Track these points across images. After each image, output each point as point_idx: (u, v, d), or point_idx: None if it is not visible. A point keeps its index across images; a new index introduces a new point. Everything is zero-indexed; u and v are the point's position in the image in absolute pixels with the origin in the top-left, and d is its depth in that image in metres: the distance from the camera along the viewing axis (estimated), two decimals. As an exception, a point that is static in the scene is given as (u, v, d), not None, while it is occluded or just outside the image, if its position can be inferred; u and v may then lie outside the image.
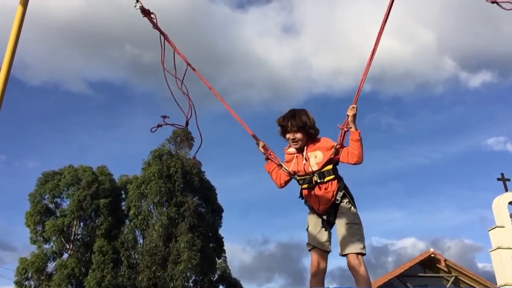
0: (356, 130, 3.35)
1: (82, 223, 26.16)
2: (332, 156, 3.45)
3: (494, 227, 18.24)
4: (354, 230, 3.37)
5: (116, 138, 50.12)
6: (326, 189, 3.44)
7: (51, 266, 24.92)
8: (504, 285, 17.13)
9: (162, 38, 3.79)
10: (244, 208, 54.35)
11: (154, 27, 3.76)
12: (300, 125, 3.48)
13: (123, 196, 27.33)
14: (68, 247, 25.31)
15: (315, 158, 3.49)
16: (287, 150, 3.69)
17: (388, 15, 3.31)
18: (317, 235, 3.49)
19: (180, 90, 3.77)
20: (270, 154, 3.69)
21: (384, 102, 56.73)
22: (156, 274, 23.62)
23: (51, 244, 25.24)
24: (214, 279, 26.48)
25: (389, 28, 3.33)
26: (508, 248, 17.59)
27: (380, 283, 18.44)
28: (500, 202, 18.47)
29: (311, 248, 3.50)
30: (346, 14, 60.31)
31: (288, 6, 64.74)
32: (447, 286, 19.34)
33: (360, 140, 3.35)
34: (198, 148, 4.02)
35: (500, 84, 57.38)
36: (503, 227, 17.99)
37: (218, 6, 57.53)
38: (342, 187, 3.47)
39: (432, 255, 19.55)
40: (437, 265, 19.75)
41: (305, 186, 3.52)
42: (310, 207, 3.57)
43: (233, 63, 53.56)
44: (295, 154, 3.59)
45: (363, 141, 3.38)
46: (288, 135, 3.56)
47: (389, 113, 57.14)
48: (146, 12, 3.69)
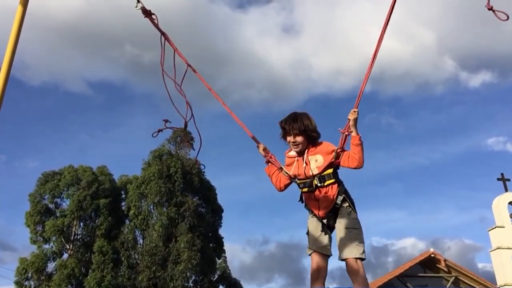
0: (357, 134, 3.33)
1: (82, 223, 26.14)
2: (333, 160, 3.43)
3: (494, 227, 18.23)
4: (353, 234, 3.35)
5: (116, 138, 50.17)
6: (326, 193, 3.43)
7: (51, 266, 24.92)
8: (504, 285, 17.12)
9: (162, 39, 3.77)
10: (244, 208, 54.39)
11: (155, 28, 3.73)
12: (302, 128, 3.46)
13: (123, 196, 27.31)
14: (68, 247, 25.30)
15: (316, 162, 3.48)
16: (287, 153, 3.68)
17: (389, 20, 3.31)
18: (317, 239, 3.48)
19: (179, 93, 3.75)
20: (270, 157, 3.67)
21: (384, 102, 56.77)
22: (156, 274, 23.61)
23: (51, 244, 25.22)
24: (214, 279, 26.47)
25: (389, 28, 3.31)
26: (508, 248, 17.59)
27: (380, 283, 18.44)
28: (500, 202, 18.47)
29: (312, 252, 3.48)
30: (346, 14, 60.35)
31: (288, 6, 64.80)
32: (447, 286, 19.34)
33: (361, 145, 3.34)
34: (198, 151, 4.00)
35: (500, 84, 57.44)
36: (503, 227, 17.98)
37: (218, 6, 57.57)
38: (343, 191, 3.46)
39: (432, 255, 19.55)
40: (437, 265, 19.76)
41: (305, 189, 3.51)
42: (310, 210, 3.56)
43: (233, 63, 53.59)
44: (296, 158, 3.58)
45: (364, 143, 3.38)
46: (289, 138, 3.54)
47: (389, 113, 57.19)
48: (148, 13, 3.67)
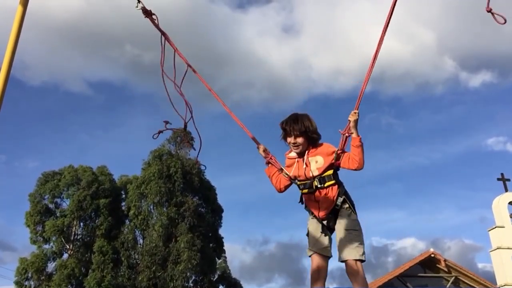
0: (358, 135, 3.33)
1: (82, 223, 26.14)
2: (333, 161, 3.43)
3: (494, 227, 18.22)
4: (353, 236, 3.34)
5: (116, 138, 50.17)
6: (326, 194, 3.43)
7: (51, 266, 24.93)
8: (504, 285, 17.11)
9: (162, 39, 3.76)
10: (244, 208, 54.39)
11: (156, 28, 3.72)
12: (303, 129, 3.46)
13: (123, 196, 27.31)
14: (68, 247, 25.30)
15: (316, 163, 3.48)
16: (288, 154, 3.67)
17: (389, 22, 3.30)
18: (317, 240, 3.47)
19: (179, 94, 3.74)
20: (271, 158, 3.66)
21: (384, 102, 56.76)
22: (156, 274, 23.62)
23: (51, 244, 25.23)
24: (214, 279, 26.47)
25: (389, 28, 3.31)
26: (508, 248, 17.57)
27: (380, 283, 18.43)
28: (500, 202, 18.46)
29: (312, 253, 3.48)
30: (346, 14, 60.34)
31: (288, 6, 64.80)
32: (447, 286, 19.34)
33: (361, 146, 3.34)
34: (198, 152, 3.99)
35: (500, 84, 57.44)
36: (503, 227, 17.97)
37: (218, 6, 57.56)
38: (343, 192, 3.45)
39: (432, 255, 19.54)
40: (437, 265, 19.75)
41: (305, 191, 3.51)
42: (310, 212, 3.55)
43: (233, 63, 53.58)
44: (296, 159, 3.57)
45: (364, 144, 3.37)
46: (289, 139, 3.54)
47: (389, 113, 57.19)
48: (148, 13, 3.66)
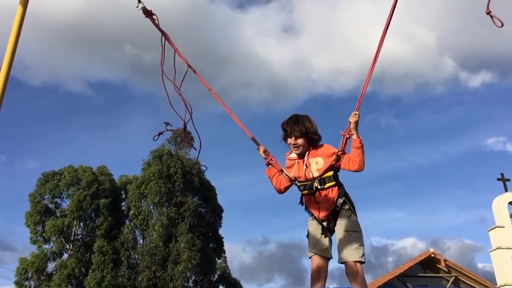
0: (358, 137, 3.33)
1: (82, 223, 26.12)
2: (333, 162, 3.43)
3: (494, 227, 18.22)
4: (353, 237, 3.34)
5: (116, 138, 50.18)
6: (326, 195, 3.42)
7: (51, 266, 24.90)
8: (504, 285, 17.12)
9: (163, 40, 3.75)
10: (244, 208, 54.39)
11: (156, 28, 3.72)
12: (303, 130, 3.46)
13: (123, 196, 27.29)
14: (68, 247, 25.29)
15: (316, 164, 3.47)
16: (288, 155, 3.67)
17: (389, 24, 3.30)
18: (317, 241, 3.47)
19: (178, 94, 3.74)
20: (271, 160, 3.65)
21: (384, 102, 56.78)
22: (156, 274, 23.61)
23: (51, 244, 25.21)
24: (214, 279, 26.46)
25: (389, 28, 3.32)
26: (508, 248, 17.58)
27: (380, 283, 18.44)
28: (500, 202, 18.46)
29: (312, 254, 3.47)
30: (346, 14, 60.36)
31: (288, 6, 64.82)
32: (447, 286, 19.34)
33: (361, 148, 3.34)
34: (198, 153, 4.00)
35: (500, 84, 57.46)
36: (503, 227, 17.97)
37: (218, 6, 57.58)
38: (343, 193, 3.45)
39: (432, 255, 19.54)
40: (437, 265, 19.75)
41: (305, 192, 3.50)
42: (310, 213, 3.54)
43: (233, 63, 53.58)
44: (296, 160, 3.57)
45: (364, 144, 3.37)
46: (289, 140, 3.53)
47: (389, 113, 57.21)
48: (149, 13, 3.66)
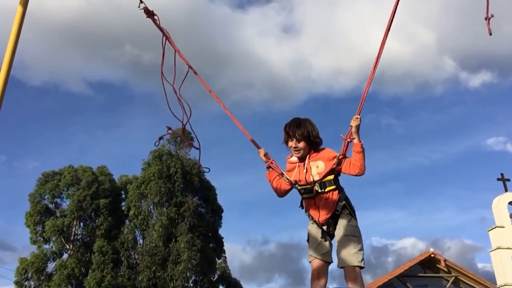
0: (359, 141, 3.31)
1: (82, 223, 26.13)
2: (334, 166, 3.42)
3: (494, 227, 18.20)
4: (353, 242, 3.32)
5: (116, 138, 50.16)
6: (327, 199, 3.41)
7: (51, 266, 24.90)
8: (504, 285, 17.11)
9: (163, 41, 3.75)
10: (244, 208, 54.37)
11: (157, 28, 3.72)
12: (305, 134, 3.45)
13: (123, 196, 27.29)
14: (68, 247, 25.29)
15: (317, 168, 3.46)
16: (289, 159, 3.66)
17: (390, 26, 3.30)
18: (317, 246, 3.46)
19: (176, 97, 3.74)
20: (271, 163, 3.65)
21: (384, 102, 56.71)
22: (156, 274, 23.61)
23: (51, 244, 25.21)
24: (214, 279, 26.47)
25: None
26: (508, 248, 17.56)
27: (380, 283, 18.44)
28: (500, 202, 18.45)
29: (312, 259, 3.46)
30: (346, 14, 60.34)
31: (288, 6, 64.81)
32: (447, 286, 19.34)
33: (362, 152, 3.33)
34: (199, 156, 4.01)
35: (500, 84, 57.44)
36: (503, 227, 17.95)
37: (218, 6, 57.56)
38: (343, 198, 3.44)
39: (432, 255, 19.53)
40: (437, 265, 19.75)
41: (306, 195, 3.50)
42: (311, 217, 3.53)
43: (233, 63, 53.56)
44: (297, 163, 3.56)
45: (365, 144, 3.36)
46: (290, 143, 3.53)
47: (389, 113, 57.17)
48: (150, 13, 3.65)
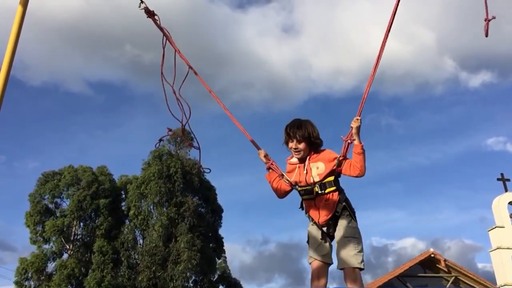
0: (360, 142, 3.31)
1: (82, 223, 26.12)
2: (335, 167, 3.41)
3: (494, 227, 18.20)
4: (353, 244, 3.32)
5: (116, 138, 50.16)
6: (327, 200, 3.41)
7: (51, 266, 24.89)
8: (504, 285, 17.11)
9: (164, 41, 3.76)
10: (244, 208, 54.35)
11: (158, 28, 3.73)
12: (306, 135, 3.46)
13: (123, 196, 27.29)
14: (68, 247, 25.29)
15: (317, 169, 3.46)
16: (289, 160, 3.65)
17: (391, 28, 3.30)
18: (317, 247, 3.46)
19: (176, 98, 3.76)
20: (272, 164, 3.64)
21: (384, 102, 56.67)
22: (156, 274, 23.61)
23: (51, 244, 25.20)
24: (214, 279, 26.47)
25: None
26: (508, 248, 17.56)
27: (380, 283, 18.44)
28: (500, 202, 18.44)
29: (312, 260, 3.46)
30: (346, 14, 60.34)
31: (288, 6, 64.82)
32: (447, 286, 19.34)
33: (363, 153, 3.32)
34: (199, 157, 4.04)
35: (500, 84, 57.46)
36: (503, 227, 17.95)
37: (218, 6, 57.56)
38: (343, 199, 3.43)
39: (432, 255, 19.53)
40: (437, 265, 19.75)
41: (306, 197, 3.49)
42: (311, 218, 3.53)
43: (233, 63, 53.55)
44: (297, 165, 3.56)
45: (365, 145, 3.36)
46: (290, 144, 3.53)
47: (389, 113, 57.15)
48: (151, 13, 3.66)
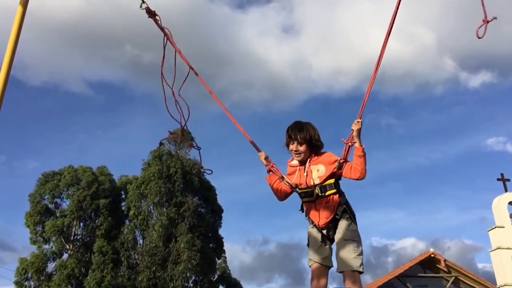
0: (361, 145, 3.31)
1: (82, 224, 26.14)
2: (335, 170, 3.41)
3: (494, 227, 18.20)
4: (352, 247, 3.31)
5: (116, 138, 50.19)
6: (327, 203, 3.40)
7: (51, 267, 24.91)
8: (504, 285, 17.10)
9: (164, 42, 3.76)
10: (244, 208, 54.34)
11: (159, 29, 3.73)
12: (307, 138, 3.46)
13: (123, 196, 27.30)
14: (68, 247, 25.29)
15: (318, 172, 3.45)
16: (289, 162, 3.65)
17: (391, 29, 3.32)
18: (317, 250, 3.45)
19: (174, 100, 3.77)
20: (272, 166, 3.64)
21: (384, 102, 56.67)
22: (156, 275, 23.61)
23: (51, 244, 25.23)
24: (214, 279, 26.47)
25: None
26: (508, 248, 17.56)
27: (380, 283, 18.44)
28: (500, 202, 18.45)
29: (312, 263, 3.45)
30: (346, 14, 60.37)
31: (288, 6, 64.85)
32: (447, 286, 19.34)
33: (363, 156, 3.32)
34: (200, 159, 4.08)
35: (500, 84, 57.50)
36: (503, 227, 17.95)
37: (218, 6, 57.59)
38: (344, 202, 3.43)
39: (432, 255, 19.54)
40: (437, 265, 19.75)
41: (306, 199, 3.49)
42: (311, 221, 3.52)
43: (233, 63, 53.57)
44: (298, 167, 3.55)
45: (366, 147, 3.35)
46: (291, 146, 3.52)
47: (389, 113, 57.17)
48: (152, 14, 3.66)
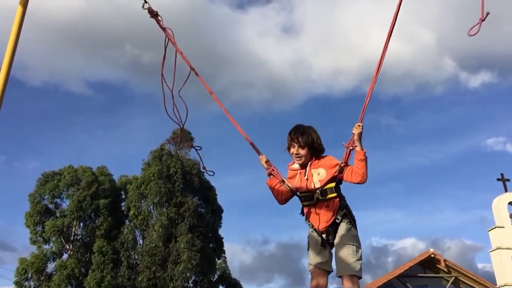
0: (362, 149, 3.30)
1: (82, 224, 26.15)
2: (336, 174, 3.40)
3: (494, 227, 18.19)
4: (351, 251, 3.31)
5: (116, 138, 50.20)
6: (327, 207, 3.39)
7: (51, 267, 24.93)
8: (504, 285, 17.10)
9: (166, 42, 3.75)
10: (244, 208, 54.34)
11: (161, 29, 3.72)
12: (309, 141, 3.45)
13: (123, 196, 27.31)
14: (68, 247, 25.30)
15: (318, 175, 3.44)
16: (290, 166, 3.64)
17: (392, 30, 3.32)
18: (317, 254, 3.44)
19: (173, 102, 3.77)
20: (273, 170, 3.63)
21: (384, 102, 56.62)
22: (156, 275, 23.61)
23: (51, 244, 25.24)
24: (214, 280, 26.47)
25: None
26: (508, 249, 17.55)
27: (380, 283, 18.45)
28: (500, 202, 18.44)
29: (312, 267, 3.44)
30: (346, 14, 60.37)
31: (288, 6, 64.86)
32: (447, 286, 19.35)
33: (365, 160, 3.31)
34: (201, 160, 4.07)
35: (500, 84, 57.52)
36: (503, 227, 17.94)
37: (218, 6, 57.60)
38: (344, 206, 3.42)
39: (432, 255, 19.55)
40: (437, 265, 19.76)
41: (306, 203, 3.48)
42: (311, 225, 3.51)
43: (233, 63, 53.57)
44: (298, 171, 3.55)
45: (365, 147, 3.35)
46: (292, 150, 3.52)
47: (389, 113, 57.14)
48: (154, 14, 3.66)
